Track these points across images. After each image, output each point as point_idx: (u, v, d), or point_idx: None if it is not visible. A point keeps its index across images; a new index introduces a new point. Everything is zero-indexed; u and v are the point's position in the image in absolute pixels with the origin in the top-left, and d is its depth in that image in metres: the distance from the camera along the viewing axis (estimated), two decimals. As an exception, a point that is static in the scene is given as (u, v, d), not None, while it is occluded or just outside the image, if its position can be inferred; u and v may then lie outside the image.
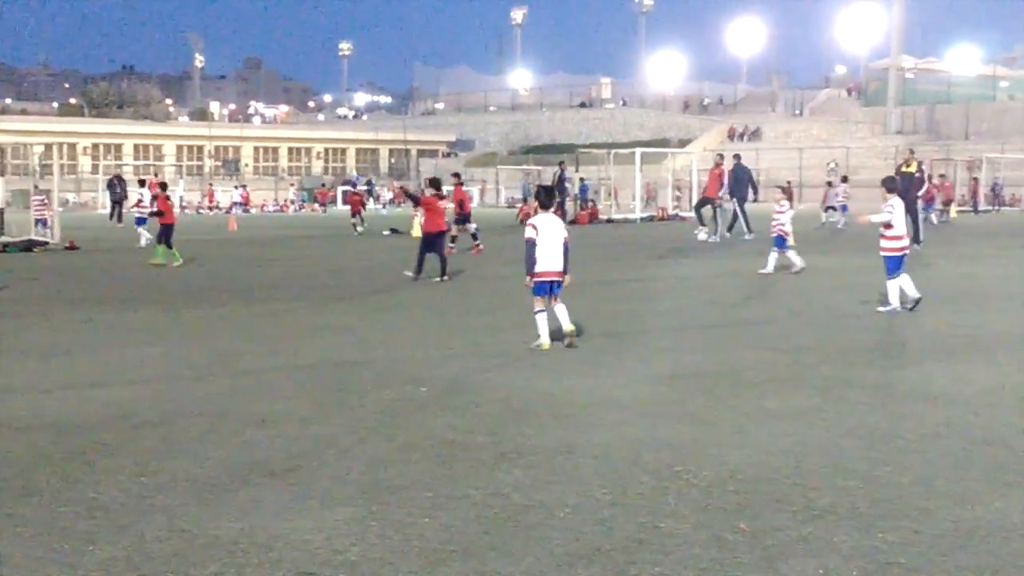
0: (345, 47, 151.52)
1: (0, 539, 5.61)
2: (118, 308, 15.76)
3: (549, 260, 11.51)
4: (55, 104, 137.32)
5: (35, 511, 6.08)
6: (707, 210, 31.11)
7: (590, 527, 5.73)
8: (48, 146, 57.53)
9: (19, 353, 11.65)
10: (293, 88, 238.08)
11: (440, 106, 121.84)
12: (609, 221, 43.14)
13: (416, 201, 19.71)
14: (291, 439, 7.66)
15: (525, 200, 43.42)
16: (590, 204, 44.99)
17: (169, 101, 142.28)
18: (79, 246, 29.17)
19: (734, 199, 30.82)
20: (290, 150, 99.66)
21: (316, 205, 73.48)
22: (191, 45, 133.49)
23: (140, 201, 32.32)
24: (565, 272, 11.67)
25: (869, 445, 7.38)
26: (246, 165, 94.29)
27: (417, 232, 35.64)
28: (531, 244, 11.50)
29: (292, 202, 73.01)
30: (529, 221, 11.92)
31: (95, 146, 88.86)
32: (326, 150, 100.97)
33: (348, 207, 43.80)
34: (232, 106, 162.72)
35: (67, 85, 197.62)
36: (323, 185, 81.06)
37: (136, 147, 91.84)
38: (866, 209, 17.89)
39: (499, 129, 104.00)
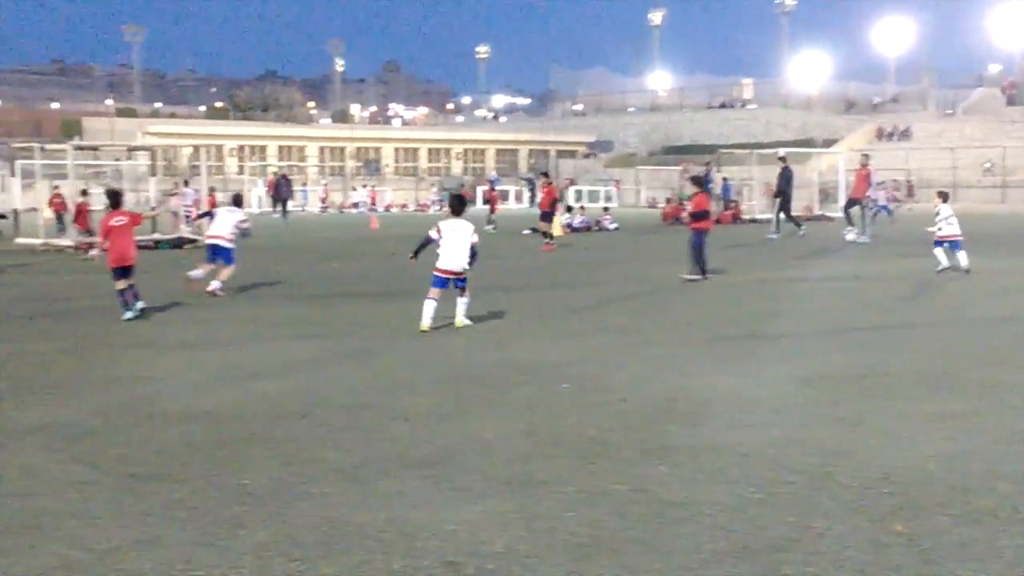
0: (482, 50, 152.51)
1: (156, 523, 5.74)
2: (265, 303, 16.08)
3: (451, 259, 12.79)
4: (202, 108, 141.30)
5: (189, 496, 6.21)
6: (855, 210, 30.43)
7: (739, 525, 5.61)
8: (196, 148, 59.33)
9: (172, 346, 11.97)
10: (431, 90, 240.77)
11: (578, 107, 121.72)
12: (752, 221, 42.47)
13: (702, 187, 19.67)
14: (433, 433, 7.70)
15: (681, 201, 42.54)
16: (733, 204, 44.39)
17: (311, 104, 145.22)
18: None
19: (777, 200, 33.36)
20: (430, 151, 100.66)
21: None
22: (332, 49, 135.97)
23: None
24: (470, 267, 12.97)
25: (1030, 450, 7.09)
26: (387, 166, 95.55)
27: (558, 231, 35.65)
28: (428, 239, 13.04)
29: (433, 202, 73.70)
30: (437, 223, 13.16)
31: (240, 148, 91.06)
32: (465, 151, 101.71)
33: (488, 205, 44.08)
34: (372, 108, 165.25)
35: (213, 89, 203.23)
36: (463, 185, 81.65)
37: (280, 149, 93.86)
38: None
39: (638, 130, 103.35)
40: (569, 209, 41.67)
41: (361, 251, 28.23)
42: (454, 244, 12.82)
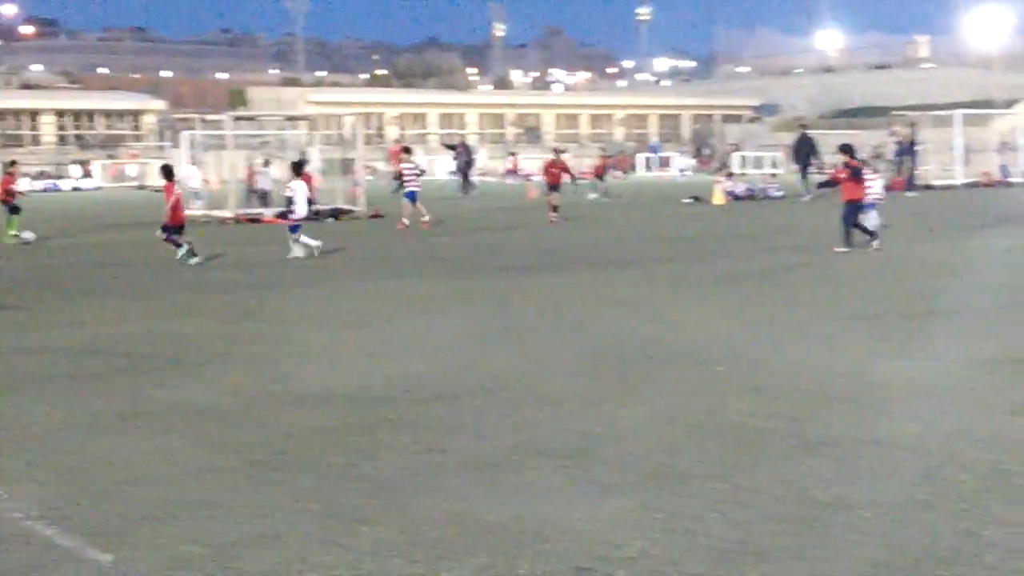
0: (644, 12, 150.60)
1: (278, 516, 5.52)
2: (414, 277, 15.90)
3: (301, 210, 18.64)
4: (364, 76, 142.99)
5: (316, 487, 5.99)
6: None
7: (900, 532, 5.09)
8: (357, 116, 60.13)
9: (313, 324, 11.79)
10: (593, 55, 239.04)
11: (744, 70, 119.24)
12: (928, 187, 40.68)
13: (851, 155, 19.05)
14: (575, 420, 7.31)
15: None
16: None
17: (472, 70, 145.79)
18: (383, 214, 29.93)
19: (798, 166, 34.77)
20: (591, 117, 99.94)
21: (618, 172, 73.26)
22: (492, 15, 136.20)
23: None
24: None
25: None
26: (547, 133, 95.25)
27: (720, 199, 34.82)
28: (289, 200, 18.83)
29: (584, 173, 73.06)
30: (290, 184, 19.56)
31: (401, 116, 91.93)
32: (627, 116, 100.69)
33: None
34: (534, 74, 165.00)
35: (376, 57, 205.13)
36: (623, 152, 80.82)
37: (440, 116, 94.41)
38: None
39: (806, 92, 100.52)
40: (730, 176, 40.72)
41: (515, 222, 28.00)
42: (301, 199, 18.66)
